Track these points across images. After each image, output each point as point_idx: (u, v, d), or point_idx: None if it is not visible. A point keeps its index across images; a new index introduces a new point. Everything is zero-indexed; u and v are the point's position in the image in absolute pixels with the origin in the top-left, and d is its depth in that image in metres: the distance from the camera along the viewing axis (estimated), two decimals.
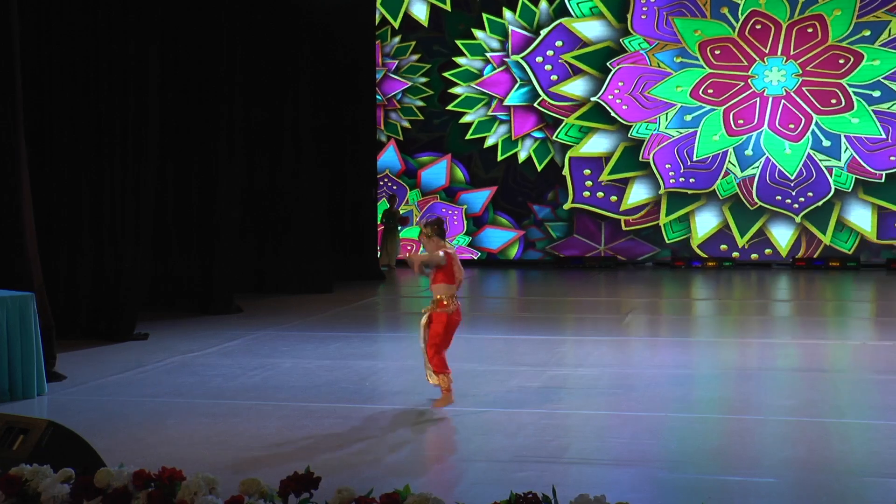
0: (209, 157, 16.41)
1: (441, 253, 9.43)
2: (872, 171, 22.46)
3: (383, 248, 23.12)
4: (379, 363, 11.91)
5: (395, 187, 24.24)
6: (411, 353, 12.90)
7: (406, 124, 24.20)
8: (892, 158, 22.42)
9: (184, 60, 16.23)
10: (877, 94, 22.30)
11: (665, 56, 22.91)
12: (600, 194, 23.49)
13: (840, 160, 22.48)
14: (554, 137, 23.45)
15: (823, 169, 22.56)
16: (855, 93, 22.34)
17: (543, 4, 23.47)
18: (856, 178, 22.50)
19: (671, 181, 23.11)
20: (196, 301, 16.30)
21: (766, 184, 22.82)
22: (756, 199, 22.88)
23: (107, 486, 5.68)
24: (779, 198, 22.84)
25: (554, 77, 23.40)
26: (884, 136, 22.29)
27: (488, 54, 23.70)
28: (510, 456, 7.85)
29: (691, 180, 23.05)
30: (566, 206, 23.55)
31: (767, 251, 23.05)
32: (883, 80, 22.25)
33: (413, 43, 24.02)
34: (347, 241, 21.16)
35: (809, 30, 22.47)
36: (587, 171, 23.46)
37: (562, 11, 23.41)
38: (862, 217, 22.61)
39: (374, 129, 22.59)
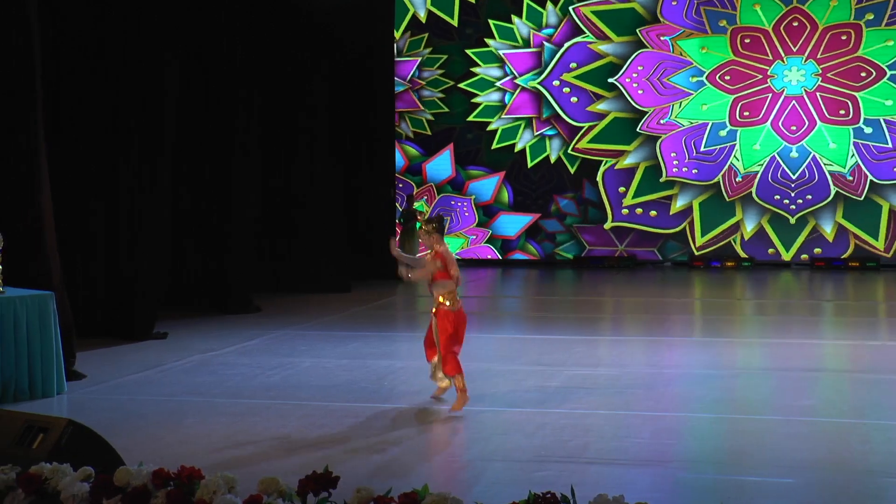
0: (226, 157, 16.43)
1: (424, 256, 9.43)
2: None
3: (402, 247, 23.10)
4: (397, 362, 11.92)
5: (401, 185, 24.22)
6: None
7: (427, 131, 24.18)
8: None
9: (200, 63, 16.26)
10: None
11: (689, 43, 22.83)
12: (639, 210, 23.40)
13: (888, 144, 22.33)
14: (570, 150, 23.40)
15: (826, 172, 22.53)
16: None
17: (550, 6, 23.40)
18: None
19: (674, 170, 23.03)
20: (214, 300, 16.33)
21: (769, 183, 22.75)
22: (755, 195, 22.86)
23: (126, 484, 5.70)
24: (777, 197, 22.77)
25: (574, 99, 23.35)
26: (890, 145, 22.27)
27: (499, 83, 23.67)
28: (529, 456, 7.85)
29: (694, 171, 22.98)
30: (607, 226, 23.45)
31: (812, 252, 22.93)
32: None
33: (425, 40, 23.95)
34: (365, 241, 21.14)
35: (843, 37, 22.35)
36: (622, 189, 23.40)
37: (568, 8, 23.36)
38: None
39: (392, 127, 22.55)
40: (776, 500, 6.82)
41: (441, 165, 24.11)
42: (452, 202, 24.05)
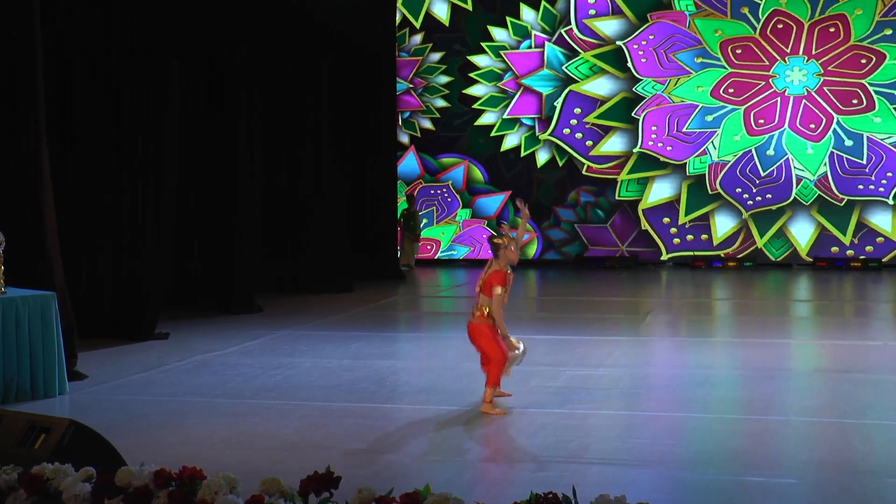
0: (230, 157, 16.44)
1: (499, 290, 9.36)
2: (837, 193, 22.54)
3: (402, 248, 23.12)
4: (399, 363, 11.92)
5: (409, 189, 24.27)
6: (432, 353, 12.94)
7: (429, 125, 24.21)
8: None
9: (204, 63, 16.28)
10: None
11: (686, 56, 22.88)
12: (673, 230, 23.48)
13: (863, 160, 22.39)
14: (565, 67, 23.41)
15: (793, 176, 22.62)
16: (876, 92, 22.23)
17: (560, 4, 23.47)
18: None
19: (649, 143, 23.06)
20: (217, 301, 16.35)
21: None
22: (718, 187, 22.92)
23: (128, 485, 5.70)
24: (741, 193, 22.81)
25: (577, 110, 23.39)
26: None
27: (500, 83, 23.72)
28: (530, 456, 7.86)
29: (668, 148, 23.02)
30: (663, 258, 23.45)
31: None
32: None
33: (430, 44, 24.04)
34: (367, 241, 21.16)
35: (832, 29, 22.37)
36: (666, 220, 23.47)
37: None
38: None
39: (395, 128, 22.60)
40: (778, 501, 6.82)
41: (408, 166, 24.18)
42: (432, 192, 24.11)
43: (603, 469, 7.50)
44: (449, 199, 24.10)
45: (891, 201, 22.35)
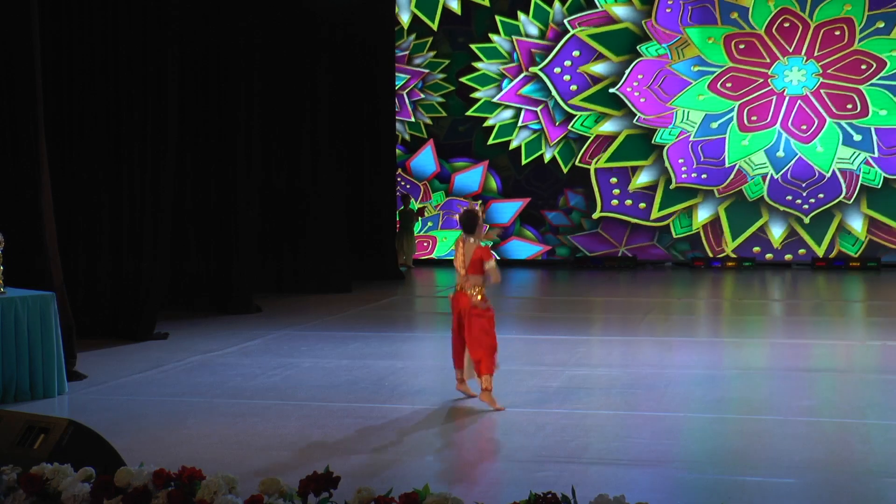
0: (228, 157, 16.44)
1: (492, 262, 9.53)
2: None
3: (399, 247, 23.10)
4: (398, 363, 11.92)
5: (408, 186, 24.20)
6: (430, 353, 12.95)
7: (427, 120, 24.20)
8: None
9: (202, 62, 16.28)
10: None
11: (683, 66, 22.86)
12: (629, 202, 23.39)
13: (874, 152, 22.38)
14: (571, 127, 23.36)
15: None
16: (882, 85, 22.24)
17: (557, 5, 23.42)
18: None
19: (682, 176, 23.04)
20: (215, 301, 16.34)
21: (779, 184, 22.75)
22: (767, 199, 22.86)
23: (127, 485, 5.70)
24: (789, 197, 22.78)
25: (574, 87, 23.38)
26: None
27: (504, 76, 23.72)
28: (529, 456, 7.85)
29: (703, 176, 22.98)
30: (595, 216, 23.48)
31: (801, 251, 22.90)
32: None
33: (430, 39, 24.01)
34: (366, 241, 21.16)
35: (837, 32, 22.34)
36: (613, 180, 23.38)
37: (576, 8, 23.35)
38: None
39: (394, 127, 22.56)
40: (777, 501, 6.82)
41: (424, 161, 24.15)
42: (458, 206, 24.10)
43: (602, 469, 7.50)
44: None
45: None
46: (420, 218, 23.86)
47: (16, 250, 10.56)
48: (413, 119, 24.12)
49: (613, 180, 23.37)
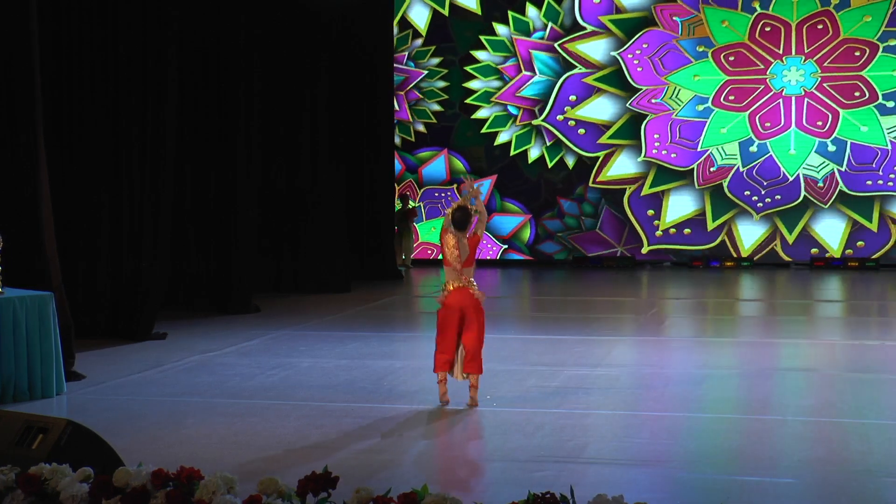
0: (227, 157, 16.43)
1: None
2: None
3: (398, 247, 23.09)
4: (396, 363, 11.92)
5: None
6: (429, 353, 12.90)
7: (421, 128, 24.20)
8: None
9: (202, 62, 16.28)
10: None
11: (689, 43, 22.81)
12: (673, 230, 23.41)
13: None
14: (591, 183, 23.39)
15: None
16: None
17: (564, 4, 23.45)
18: None
19: (654, 151, 23.03)
20: (214, 301, 16.34)
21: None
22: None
23: (125, 485, 5.70)
24: (748, 192, 22.80)
25: (572, 97, 23.39)
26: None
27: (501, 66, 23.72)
28: (528, 456, 7.85)
29: (672, 155, 22.96)
30: (644, 251, 23.40)
31: (814, 250, 22.89)
32: None
33: (433, 48, 24.02)
34: (365, 241, 21.16)
35: (819, 26, 22.34)
36: (650, 212, 23.41)
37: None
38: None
39: (393, 128, 22.56)
40: (776, 500, 6.82)
41: (437, 168, 24.16)
42: (436, 194, 24.08)
43: (601, 468, 7.50)
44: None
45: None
46: (415, 217, 23.88)
47: (15, 250, 10.54)
48: (411, 118, 24.11)
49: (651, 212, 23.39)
